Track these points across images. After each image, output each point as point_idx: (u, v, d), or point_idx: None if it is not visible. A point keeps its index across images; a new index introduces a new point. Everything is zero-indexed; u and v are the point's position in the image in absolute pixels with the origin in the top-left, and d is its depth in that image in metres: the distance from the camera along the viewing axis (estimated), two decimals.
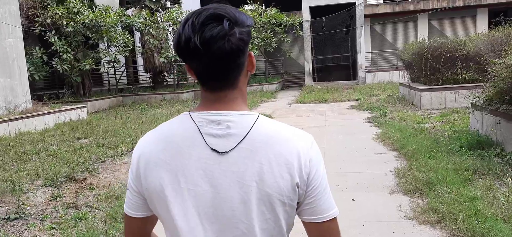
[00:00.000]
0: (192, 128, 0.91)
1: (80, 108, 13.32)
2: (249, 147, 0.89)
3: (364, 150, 6.48)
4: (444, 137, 6.61)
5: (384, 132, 7.48)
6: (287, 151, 0.89)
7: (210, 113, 0.91)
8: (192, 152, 0.90)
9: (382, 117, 9.60)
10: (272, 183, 0.88)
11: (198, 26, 0.84)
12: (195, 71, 0.90)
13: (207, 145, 0.89)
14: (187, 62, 0.90)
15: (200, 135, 0.90)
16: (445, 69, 10.37)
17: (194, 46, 0.84)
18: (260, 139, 0.89)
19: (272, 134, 0.91)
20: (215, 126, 0.90)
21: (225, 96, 0.92)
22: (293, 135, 0.92)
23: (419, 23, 24.58)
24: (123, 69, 20.46)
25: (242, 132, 0.89)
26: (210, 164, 0.89)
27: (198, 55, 0.85)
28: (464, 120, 8.35)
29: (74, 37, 16.14)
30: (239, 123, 0.90)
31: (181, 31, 0.87)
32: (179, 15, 19.19)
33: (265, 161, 0.88)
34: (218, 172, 0.89)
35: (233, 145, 0.88)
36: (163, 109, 15.04)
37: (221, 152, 0.88)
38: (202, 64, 0.87)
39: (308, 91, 18.53)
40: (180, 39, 0.87)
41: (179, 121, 0.94)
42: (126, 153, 7.42)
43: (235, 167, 0.88)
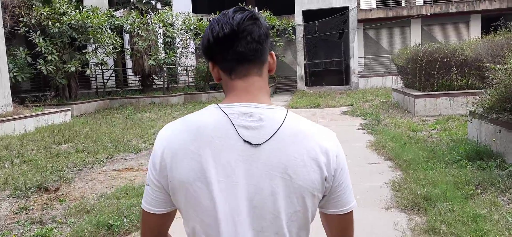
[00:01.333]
0: (223, 119, 0.91)
1: (63, 111, 12.84)
2: (281, 140, 0.90)
3: (357, 159, 6.14)
4: (441, 146, 6.29)
5: (378, 140, 7.15)
6: (317, 147, 0.92)
7: (241, 104, 0.92)
8: (224, 143, 0.90)
9: (375, 124, 9.29)
10: (305, 176, 0.90)
11: (228, 16, 0.92)
12: (224, 61, 0.94)
13: (240, 137, 0.90)
14: (215, 55, 0.95)
15: (232, 126, 0.90)
16: (440, 75, 10.11)
17: (230, 29, 0.90)
18: (292, 133, 0.91)
19: (302, 129, 0.93)
20: (248, 118, 0.91)
21: (253, 84, 0.95)
22: (322, 132, 0.96)
23: (412, 28, 24.46)
24: (112, 72, 19.96)
25: (274, 125, 0.91)
26: (242, 156, 0.89)
27: (231, 40, 0.91)
28: (460, 128, 8.08)
29: (60, 38, 15.65)
30: (271, 117, 0.91)
31: (211, 28, 0.94)
32: (169, 17, 18.79)
33: (297, 155, 0.90)
34: (251, 164, 0.89)
35: (266, 138, 0.90)
36: (151, 113, 14.61)
37: (254, 144, 0.89)
38: (235, 48, 0.92)
39: (300, 96, 18.21)
40: (213, 32, 0.92)
41: (209, 113, 0.94)
42: (106, 160, 7.00)
43: (267, 159, 0.89)
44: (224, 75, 0.97)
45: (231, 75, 0.96)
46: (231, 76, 0.96)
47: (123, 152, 7.56)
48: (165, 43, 19.46)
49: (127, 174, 5.97)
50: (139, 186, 5.11)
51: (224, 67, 0.96)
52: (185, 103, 17.95)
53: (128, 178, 5.74)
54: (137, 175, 5.91)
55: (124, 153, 7.50)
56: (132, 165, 6.62)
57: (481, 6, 23.20)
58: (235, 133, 0.90)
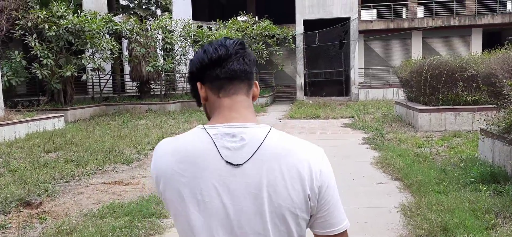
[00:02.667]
0: (207, 140, 0.93)
1: (56, 117, 12.45)
2: (262, 158, 0.91)
3: (362, 177, 5.78)
4: (451, 165, 5.94)
5: (384, 157, 6.80)
6: (299, 163, 0.91)
7: (225, 125, 0.95)
8: (207, 165, 0.92)
9: (379, 138, 8.94)
10: (284, 195, 0.90)
11: (221, 42, 0.99)
12: (216, 79, 0.97)
13: (222, 158, 0.91)
14: (206, 75, 0.99)
15: (215, 147, 0.92)
16: (445, 89, 9.80)
17: (225, 51, 0.97)
18: (272, 151, 0.92)
19: (284, 146, 0.93)
20: (230, 138, 0.93)
21: (241, 102, 0.98)
22: (304, 148, 0.95)
23: (413, 41, 24.25)
24: (109, 77, 19.60)
25: (255, 143, 0.92)
26: (225, 176, 0.91)
27: (224, 59, 0.97)
28: (468, 145, 7.74)
29: (57, 42, 15.31)
30: (253, 135, 0.93)
31: (204, 50, 1.00)
32: (169, 24, 18.50)
33: (277, 173, 0.90)
34: (234, 184, 0.91)
35: (247, 157, 0.91)
36: (147, 120, 14.23)
37: (235, 164, 0.91)
38: (228, 66, 0.97)
39: (300, 106, 17.88)
40: (207, 53, 0.98)
41: (194, 134, 0.96)
42: (95, 172, 6.61)
43: (249, 178, 0.90)
44: (212, 94, 0.99)
45: (220, 93, 0.98)
46: (219, 94, 0.98)
47: (114, 163, 7.18)
48: (163, 49, 19.16)
49: (117, 188, 5.59)
50: (127, 203, 4.73)
51: (214, 85, 0.98)
52: (182, 111, 17.58)
53: (117, 193, 5.36)
54: (127, 189, 5.53)
55: (115, 164, 7.12)
56: (123, 178, 6.23)
57: (483, 20, 23.03)
58: (218, 154, 0.92)
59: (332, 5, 21.01)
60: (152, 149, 8.64)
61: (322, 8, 21.13)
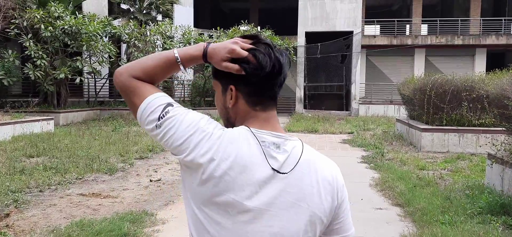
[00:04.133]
0: (256, 146, 0.97)
1: (46, 120, 12.04)
2: (301, 170, 0.98)
3: (360, 201, 5.34)
4: (456, 192, 5.50)
5: (384, 179, 6.36)
6: (329, 176, 1.02)
7: (271, 133, 1.00)
8: (255, 169, 0.95)
9: (379, 157, 8.51)
10: (319, 204, 0.99)
11: (276, 53, 1.01)
12: (257, 95, 1.01)
13: (269, 165, 0.96)
14: (251, 85, 1.00)
15: (263, 155, 0.97)
16: (449, 109, 9.40)
17: (279, 67, 1.01)
18: (309, 164, 1.00)
19: (315, 161, 1.01)
20: (275, 148, 0.98)
21: (273, 116, 1.04)
22: (330, 163, 1.05)
23: (416, 58, 23.93)
24: (105, 81, 19.22)
25: (296, 156, 0.99)
26: (270, 182, 0.96)
27: (276, 77, 1.01)
28: (473, 170, 7.30)
29: (52, 43, 14.96)
30: (292, 147, 1.00)
31: (273, 58, 1.00)
32: (169, 29, 18.17)
33: (314, 184, 0.99)
34: (277, 191, 0.96)
35: (290, 168, 0.98)
36: (140, 127, 13.79)
37: (282, 172, 0.97)
38: (274, 87, 1.02)
39: (298, 118, 17.47)
40: (273, 64, 1.00)
41: (244, 136, 0.98)
42: (74, 181, 6.17)
43: (291, 187, 0.97)
44: (246, 105, 1.02)
45: (256, 107, 1.02)
46: (256, 107, 1.02)
47: (96, 172, 6.74)
48: None
49: (93, 201, 5.14)
50: (100, 220, 4.29)
51: (253, 101, 1.02)
52: None
53: (92, 207, 4.91)
54: (104, 203, 5.08)
55: (97, 174, 6.68)
56: (102, 189, 5.79)
57: (487, 40, 22.73)
58: (265, 161, 0.96)
59: (335, 19, 20.73)
60: (139, 158, 8.22)
61: (325, 21, 20.85)
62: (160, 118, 0.98)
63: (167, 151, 9.01)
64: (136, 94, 1.01)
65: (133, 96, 1.02)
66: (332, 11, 20.64)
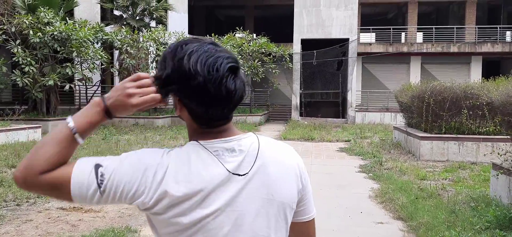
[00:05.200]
0: (208, 156, 0.93)
1: (33, 128, 11.65)
2: (262, 164, 0.96)
3: (360, 214, 5.02)
4: (460, 205, 5.20)
5: (383, 190, 6.05)
6: (291, 164, 1.02)
7: (221, 140, 0.95)
8: (213, 178, 0.91)
9: (377, 166, 8.21)
10: (286, 193, 0.99)
11: (219, 79, 0.88)
12: (199, 115, 0.93)
13: (227, 170, 0.92)
14: (186, 100, 0.92)
15: (218, 162, 0.92)
16: (449, 117, 9.14)
17: (216, 97, 0.89)
18: (268, 156, 0.98)
19: (273, 150, 1.00)
20: (230, 153, 0.94)
21: (226, 128, 0.97)
22: (289, 150, 1.05)
23: (412, 65, 23.82)
24: (97, 88, 18.84)
25: (253, 153, 0.96)
26: (231, 187, 0.92)
27: (214, 104, 0.90)
28: (475, 179, 7.02)
29: (41, 50, 14.59)
30: (248, 145, 0.96)
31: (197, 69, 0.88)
32: (162, 36, 17.87)
33: (278, 175, 0.97)
34: (241, 193, 0.93)
35: (250, 166, 0.95)
36: (131, 135, 13.44)
37: (242, 174, 0.94)
38: (216, 111, 0.92)
39: (294, 126, 17.17)
40: (189, 81, 0.88)
41: (194, 149, 0.94)
42: None
43: (254, 185, 0.94)
44: (193, 122, 0.97)
45: (203, 126, 0.97)
46: (202, 126, 0.97)
47: None
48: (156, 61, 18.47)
49: (73, 216, 4.78)
50: None
51: (199, 121, 0.97)
52: (171, 126, 16.81)
53: (71, 222, 4.55)
54: (84, 218, 4.72)
55: None
56: None
57: (483, 48, 22.66)
58: (223, 168, 0.92)
59: (331, 26, 20.54)
60: None
61: (321, 28, 20.65)
62: (99, 185, 0.88)
63: None
64: (58, 186, 0.88)
65: (57, 189, 0.89)
66: (328, 19, 20.47)
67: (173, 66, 0.89)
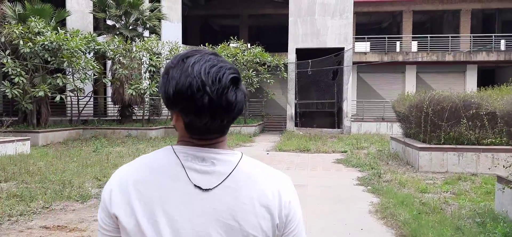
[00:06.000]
0: (175, 161, 0.90)
1: (22, 140, 11.31)
2: (233, 185, 0.89)
3: (360, 231, 4.77)
4: (465, 220, 4.97)
5: (384, 204, 5.81)
6: (269, 192, 0.90)
7: (195, 148, 0.91)
8: (173, 186, 0.88)
9: (376, 179, 7.97)
10: (254, 223, 0.88)
11: (222, 90, 0.85)
12: (193, 125, 0.89)
13: (190, 181, 0.88)
14: (188, 116, 0.88)
15: (183, 169, 0.89)
16: (448, 127, 8.96)
17: (218, 108, 0.85)
18: (243, 179, 0.90)
19: (254, 174, 0.92)
20: (199, 162, 0.90)
21: (217, 141, 0.93)
22: (274, 177, 0.94)
23: (407, 74, 23.76)
24: (89, 99, 18.51)
25: (226, 170, 0.90)
26: (191, 200, 0.88)
27: (215, 116, 0.86)
28: (477, 192, 6.81)
29: (31, 60, 14.29)
30: (224, 161, 0.91)
31: (193, 84, 0.84)
32: (155, 45, 17.65)
33: (248, 201, 0.89)
34: (199, 208, 0.88)
35: (217, 183, 0.89)
36: (123, 147, 13.12)
37: (204, 189, 0.88)
38: (214, 123, 0.88)
39: (289, 137, 16.93)
40: (194, 93, 0.84)
41: (163, 154, 0.92)
42: (40, 211, 5.50)
43: (217, 204, 0.88)
44: (184, 130, 0.93)
45: (193, 136, 0.94)
46: (192, 136, 0.94)
47: (66, 200, 6.07)
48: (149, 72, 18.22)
49: (56, 236, 4.48)
50: None
51: (190, 131, 0.93)
52: (164, 138, 16.51)
53: None
54: None
55: (67, 201, 6.01)
56: (70, 220, 5.13)
57: (478, 56, 22.66)
58: (185, 176, 0.88)
59: (326, 35, 20.45)
60: None
61: (316, 37, 20.55)
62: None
63: None
64: None
65: None
66: (323, 28, 20.38)
67: (177, 80, 0.86)
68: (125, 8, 17.90)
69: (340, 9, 20.22)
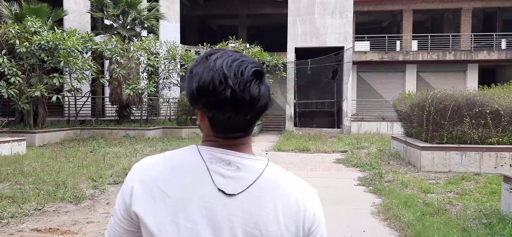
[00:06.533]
0: (200, 163, 0.88)
1: (17, 141, 11.13)
2: (257, 193, 0.87)
3: (362, 233, 4.61)
4: (471, 221, 4.80)
5: (386, 205, 5.64)
6: (294, 202, 0.89)
7: (221, 150, 0.89)
8: (196, 188, 0.86)
9: (377, 179, 7.80)
10: (277, 233, 0.86)
11: (244, 83, 0.84)
12: (220, 122, 0.87)
13: (214, 184, 0.86)
14: (211, 111, 0.86)
15: (207, 172, 0.87)
16: (450, 126, 8.80)
17: (241, 102, 0.84)
18: (268, 187, 0.88)
19: (280, 183, 0.89)
20: (225, 165, 0.88)
21: (241, 142, 0.91)
22: (300, 187, 0.92)
23: (408, 74, 23.61)
24: (86, 99, 18.34)
25: (252, 176, 0.88)
26: (214, 204, 0.86)
27: (238, 110, 0.85)
28: (481, 192, 6.65)
29: (27, 59, 14.11)
30: (249, 167, 0.89)
31: (215, 77, 0.83)
32: (153, 45, 17.47)
33: (271, 211, 0.86)
34: (221, 214, 0.85)
35: (241, 189, 0.87)
36: (121, 147, 12.94)
37: (228, 194, 0.86)
38: (238, 118, 0.86)
39: (288, 137, 16.77)
40: (216, 87, 0.83)
41: (187, 154, 0.91)
42: (32, 213, 5.33)
43: (240, 211, 0.86)
44: (210, 129, 0.92)
45: (219, 133, 0.92)
46: (217, 134, 0.92)
47: (60, 201, 5.90)
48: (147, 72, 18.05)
49: None
50: None
51: (215, 123, 0.91)
52: (162, 138, 16.33)
53: None
54: None
55: (60, 203, 5.84)
56: (63, 222, 4.96)
57: (479, 55, 22.52)
58: (210, 179, 0.86)
59: (325, 34, 20.29)
60: (113, 183, 7.37)
61: (316, 37, 20.39)
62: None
63: None
64: None
65: None
66: (323, 27, 20.22)
67: (200, 75, 0.85)
68: (122, 7, 17.74)
69: (340, 8, 20.07)
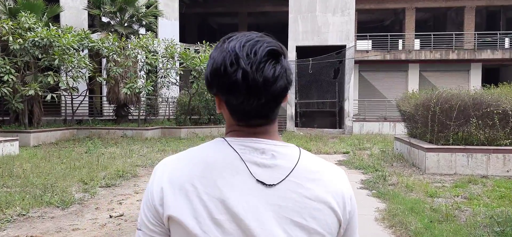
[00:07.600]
0: (232, 155, 0.84)
1: (9, 141, 10.83)
2: (297, 181, 0.84)
3: None
4: (483, 229, 4.48)
5: (391, 210, 5.32)
6: (332, 188, 0.87)
7: (251, 139, 0.86)
8: (233, 182, 0.82)
9: (381, 181, 7.48)
10: (320, 220, 0.84)
11: (257, 63, 0.80)
12: (235, 107, 0.84)
13: (252, 175, 0.83)
14: (224, 95, 0.83)
15: (242, 163, 0.83)
16: (456, 126, 8.48)
17: (253, 84, 0.79)
18: (307, 175, 0.85)
19: (315, 169, 0.87)
20: (259, 154, 0.84)
21: (265, 130, 0.88)
22: (337, 173, 0.90)
23: (410, 73, 23.27)
24: (83, 98, 18.03)
25: (289, 164, 0.85)
26: (254, 196, 0.82)
27: (251, 93, 0.80)
28: (490, 196, 6.32)
29: (21, 57, 13.80)
30: (285, 155, 0.86)
31: (226, 58, 0.80)
32: (151, 43, 17.15)
33: (313, 198, 0.84)
34: (265, 205, 0.82)
35: (280, 178, 0.83)
36: (117, 147, 12.63)
37: (268, 184, 0.83)
38: (251, 102, 0.82)
39: (289, 137, 16.45)
40: (226, 68, 0.80)
41: (216, 147, 0.86)
42: (15, 219, 5.02)
43: (282, 201, 0.83)
44: (231, 118, 0.89)
45: (241, 121, 0.90)
46: (239, 122, 0.90)
47: (46, 205, 5.59)
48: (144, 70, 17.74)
49: None
50: None
51: (234, 110, 0.88)
52: (160, 138, 16.02)
53: None
54: None
55: (46, 208, 5.52)
56: (46, 229, 4.65)
57: (482, 54, 22.17)
58: (246, 171, 0.83)
59: (327, 32, 19.96)
60: (105, 186, 7.06)
61: (317, 35, 20.06)
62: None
63: (138, 178, 7.88)
64: None
65: None
66: (324, 25, 19.88)
67: (215, 59, 0.82)
68: (119, 4, 17.42)
69: (342, 6, 19.73)
